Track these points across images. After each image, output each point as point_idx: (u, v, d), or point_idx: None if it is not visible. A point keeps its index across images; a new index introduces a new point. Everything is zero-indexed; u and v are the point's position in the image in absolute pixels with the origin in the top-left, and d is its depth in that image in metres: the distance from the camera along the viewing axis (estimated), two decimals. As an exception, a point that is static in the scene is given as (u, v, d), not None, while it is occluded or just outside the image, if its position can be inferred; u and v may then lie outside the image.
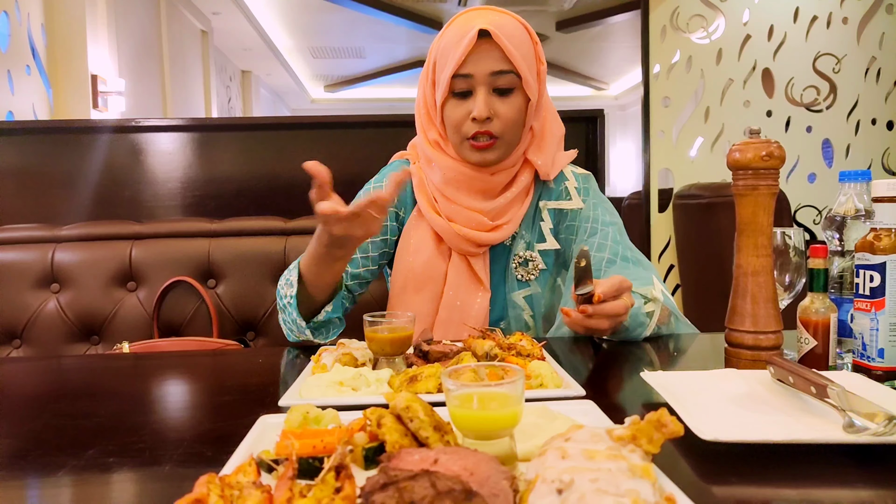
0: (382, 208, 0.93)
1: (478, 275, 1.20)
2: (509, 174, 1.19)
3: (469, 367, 0.60)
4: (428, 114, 1.20)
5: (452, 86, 1.11)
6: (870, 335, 0.80)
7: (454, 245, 1.20)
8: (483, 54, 1.09)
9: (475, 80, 1.10)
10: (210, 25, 6.34)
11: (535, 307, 1.23)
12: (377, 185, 1.26)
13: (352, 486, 0.45)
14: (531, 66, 1.13)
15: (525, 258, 1.22)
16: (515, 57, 1.09)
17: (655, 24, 3.01)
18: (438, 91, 1.14)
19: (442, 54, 1.13)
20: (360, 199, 0.93)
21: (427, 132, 1.22)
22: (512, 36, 1.10)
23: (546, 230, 1.24)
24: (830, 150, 3.14)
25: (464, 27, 1.10)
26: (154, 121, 2.05)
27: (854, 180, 0.92)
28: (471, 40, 1.07)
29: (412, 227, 1.23)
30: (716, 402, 0.69)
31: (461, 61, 1.08)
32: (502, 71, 1.09)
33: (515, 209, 1.21)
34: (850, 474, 0.55)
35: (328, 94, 10.60)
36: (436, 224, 1.19)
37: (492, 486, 0.45)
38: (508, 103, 1.12)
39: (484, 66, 1.09)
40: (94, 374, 1.04)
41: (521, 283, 1.22)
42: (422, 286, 1.19)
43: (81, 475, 0.58)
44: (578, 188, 1.26)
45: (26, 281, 1.63)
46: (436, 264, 1.20)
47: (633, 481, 0.43)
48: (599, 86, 10.10)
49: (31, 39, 3.26)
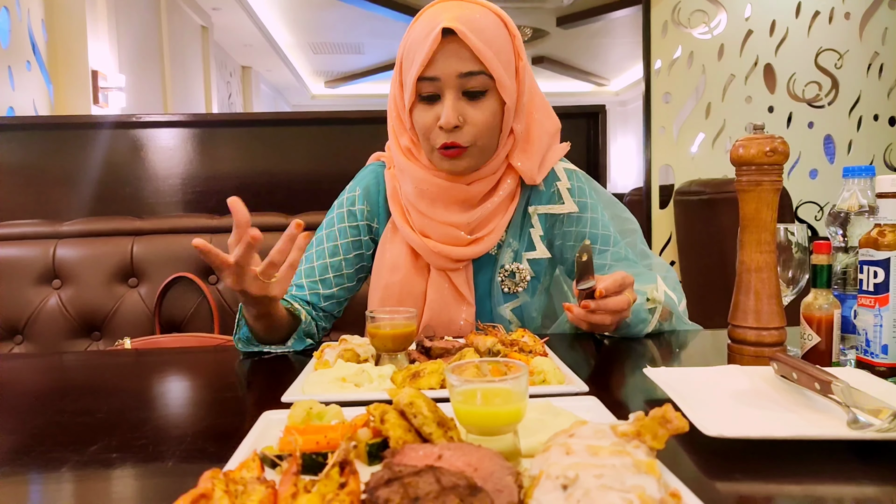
0: (266, 273, 0.85)
1: (460, 290, 1.11)
2: (489, 182, 1.09)
3: (472, 363, 0.59)
4: (399, 117, 1.11)
5: (419, 89, 1.01)
6: (873, 331, 0.80)
7: (431, 261, 1.11)
8: (450, 54, 0.98)
9: (442, 83, 1.00)
10: (210, 21, 6.32)
11: (524, 317, 1.17)
12: (350, 195, 1.18)
13: (356, 481, 0.45)
14: (507, 63, 1.03)
15: (511, 270, 1.14)
16: (486, 56, 0.98)
17: (657, 20, 3.01)
18: (406, 94, 1.05)
19: (408, 54, 1.03)
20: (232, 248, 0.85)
21: (399, 138, 1.13)
22: (483, 31, 0.99)
23: (536, 237, 1.16)
24: (832, 146, 3.13)
25: (429, 23, 0.99)
26: (155, 116, 2.05)
27: (858, 176, 0.92)
28: (435, 39, 0.97)
29: (387, 240, 1.14)
30: (719, 398, 0.69)
31: (426, 62, 0.98)
32: (472, 72, 0.99)
33: (498, 218, 1.11)
34: (855, 470, 0.55)
35: (328, 90, 10.58)
36: (411, 240, 1.10)
37: (496, 481, 0.44)
38: (480, 108, 1.01)
39: (451, 67, 0.98)
40: (96, 371, 1.04)
41: (507, 295, 1.15)
42: (399, 305, 1.10)
43: (84, 471, 0.58)
44: (572, 188, 1.16)
45: (28, 277, 1.63)
46: (414, 282, 1.11)
47: (638, 477, 0.43)
48: (600, 81, 10.07)
49: (32, 35, 3.25)
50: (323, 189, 2.04)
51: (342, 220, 1.17)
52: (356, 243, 1.17)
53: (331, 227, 1.17)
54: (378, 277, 1.15)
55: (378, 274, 1.15)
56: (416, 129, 1.07)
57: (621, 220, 1.27)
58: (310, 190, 2.02)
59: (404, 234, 1.11)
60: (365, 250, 1.18)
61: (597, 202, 1.19)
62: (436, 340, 0.89)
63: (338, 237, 1.16)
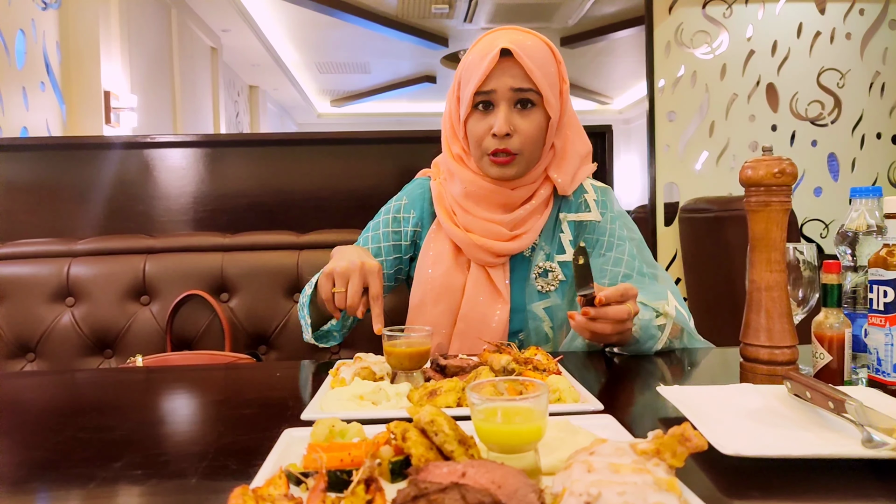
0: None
1: (497, 286, 1.20)
2: (529, 190, 1.21)
3: (490, 382, 0.61)
4: (452, 128, 1.24)
5: (475, 101, 1.14)
6: (885, 350, 0.81)
7: (473, 256, 1.21)
8: (505, 71, 1.12)
9: (497, 95, 1.13)
10: (220, 42, 6.42)
11: (554, 319, 1.23)
12: (396, 203, 1.30)
13: (382, 498, 0.46)
14: (553, 84, 1.16)
15: (545, 269, 1.22)
16: (536, 75, 1.11)
17: (660, 40, 3.05)
18: (462, 106, 1.17)
19: (466, 72, 1.17)
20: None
21: (451, 146, 1.25)
22: (534, 55, 1.12)
23: (566, 242, 1.25)
24: (836, 164, 3.15)
25: (488, 46, 1.13)
26: (166, 137, 2.08)
27: (866, 196, 0.93)
28: (493, 58, 1.11)
29: (431, 239, 1.25)
30: (733, 416, 0.70)
31: (484, 78, 1.11)
32: (523, 88, 1.12)
33: (534, 220, 1.22)
34: (870, 489, 0.56)
35: (334, 109, 10.67)
36: (454, 235, 1.21)
37: (520, 498, 0.45)
38: (529, 120, 1.14)
39: (505, 82, 1.12)
40: (112, 388, 1.05)
41: (541, 294, 1.22)
42: (440, 298, 1.20)
43: (113, 487, 0.59)
44: (597, 200, 1.28)
45: (41, 295, 1.65)
46: (454, 275, 1.21)
47: (659, 494, 0.43)
48: (604, 100, 10.15)
49: (46, 56, 3.31)
50: (331, 208, 2.07)
51: (387, 225, 1.29)
52: (397, 247, 1.28)
53: (376, 231, 1.29)
54: (421, 271, 1.24)
55: (421, 268, 1.24)
56: (468, 139, 1.18)
57: (629, 229, 1.31)
58: (318, 208, 2.04)
59: (448, 230, 1.22)
60: (404, 255, 1.29)
61: (616, 216, 1.28)
62: (450, 359, 0.90)
63: (381, 240, 1.28)
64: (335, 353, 1.62)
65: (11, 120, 2.95)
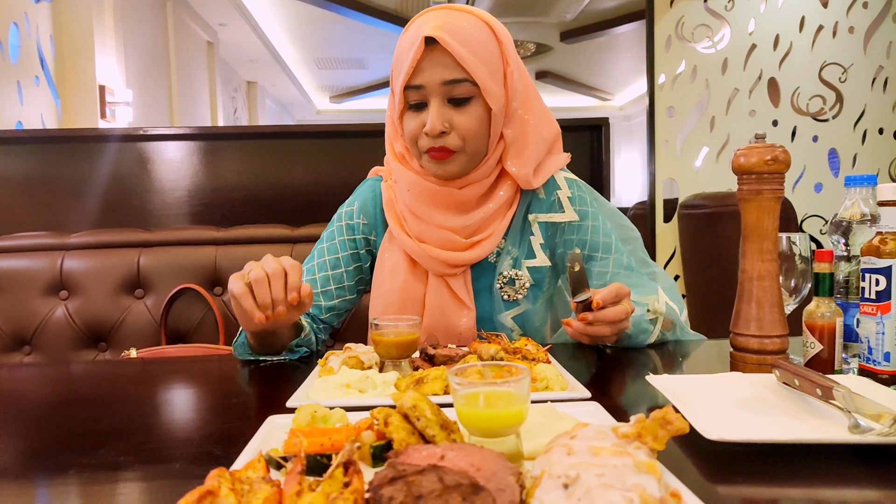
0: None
1: (459, 296, 1.11)
2: (482, 186, 1.10)
3: (474, 367, 0.60)
4: (393, 124, 1.13)
5: (406, 98, 1.04)
6: (876, 339, 0.80)
7: (428, 267, 1.11)
8: (434, 62, 1.00)
9: (427, 90, 1.01)
10: (216, 37, 6.40)
11: (526, 325, 1.15)
12: (348, 209, 1.21)
13: (360, 480, 0.45)
14: (494, 70, 1.03)
15: (510, 277, 1.13)
16: (470, 63, 0.99)
17: (660, 35, 3.03)
18: (395, 102, 1.07)
19: (396, 63, 1.05)
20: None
21: (394, 144, 1.15)
22: (467, 39, 1.00)
23: (536, 245, 1.15)
24: (837, 160, 3.14)
25: (414, 32, 1.01)
26: (161, 129, 2.08)
27: (860, 185, 0.93)
28: (419, 48, 0.99)
29: (385, 249, 1.16)
30: (721, 403, 0.69)
31: (411, 71, 1.00)
32: (455, 80, 1.00)
33: (496, 224, 1.12)
34: (856, 474, 0.55)
35: (333, 105, 10.65)
36: (406, 245, 1.11)
37: (498, 481, 0.45)
38: (466, 114, 1.03)
39: (435, 75, 1.00)
40: (103, 379, 1.05)
41: (507, 303, 1.13)
42: (401, 312, 1.11)
43: (93, 474, 0.58)
44: (572, 197, 1.16)
45: (35, 288, 1.65)
46: (413, 287, 1.11)
47: (638, 476, 0.43)
48: (604, 96, 10.13)
49: (40, 50, 3.30)
50: (326, 201, 2.06)
51: (341, 234, 1.19)
52: (355, 256, 1.19)
53: (331, 241, 1.20)
54: (378, 285, 1.16)
55: (378, 282, 1.16)
56: (405, 136, 1.08)
57: (622, 227, 1.27)
58: (313, 202, 2.04)
59: (400, 240, 1.12)
60: (363, 263, 1.20)
61: (598, 210, 1.19)
62: (439, 348, 0.89)
63: (338, 250, 1.18)
64: (329, 346, 1.62)
65: (5, 115, 2.94)
